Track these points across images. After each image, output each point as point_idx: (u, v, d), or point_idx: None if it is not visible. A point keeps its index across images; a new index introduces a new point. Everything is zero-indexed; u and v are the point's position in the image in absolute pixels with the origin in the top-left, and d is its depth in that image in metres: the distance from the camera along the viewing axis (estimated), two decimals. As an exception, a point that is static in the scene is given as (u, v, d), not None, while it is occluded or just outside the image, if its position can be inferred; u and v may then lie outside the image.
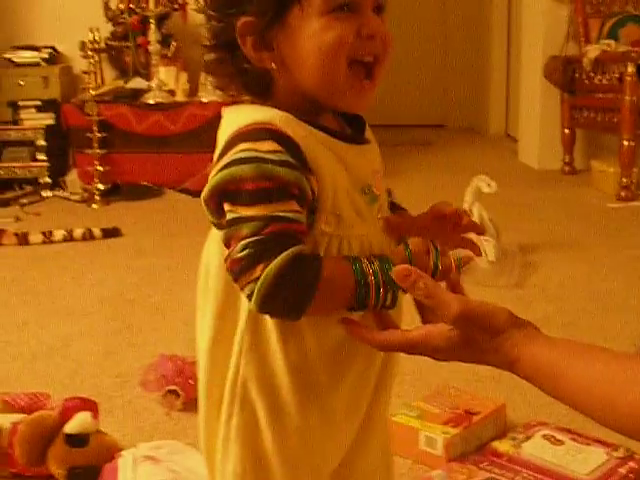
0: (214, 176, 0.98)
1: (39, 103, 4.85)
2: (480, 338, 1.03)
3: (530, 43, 5.31)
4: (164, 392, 2.09)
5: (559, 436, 1.85)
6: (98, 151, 4.50)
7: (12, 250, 3.65)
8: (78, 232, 3.75)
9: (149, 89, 4.71)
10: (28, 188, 4.76)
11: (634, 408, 1.03)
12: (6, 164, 4.77)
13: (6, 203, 4.53)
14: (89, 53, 4.72)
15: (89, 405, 1.83)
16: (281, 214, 0.95)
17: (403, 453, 1.82)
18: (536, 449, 1.81)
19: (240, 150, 0.97)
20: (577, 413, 1.03)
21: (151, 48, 4.77)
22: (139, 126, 4.59)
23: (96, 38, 4.72)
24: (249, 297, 0.96)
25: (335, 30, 0.98)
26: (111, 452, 1.76)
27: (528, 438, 1.85)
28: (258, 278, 0.94)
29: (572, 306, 2.81)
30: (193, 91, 4.76)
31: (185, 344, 2.35)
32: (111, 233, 3.81)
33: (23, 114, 4.85)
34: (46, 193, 4.72)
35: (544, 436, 1.85)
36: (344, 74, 1.00)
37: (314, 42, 0.99)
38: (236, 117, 1.02)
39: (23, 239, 3.71)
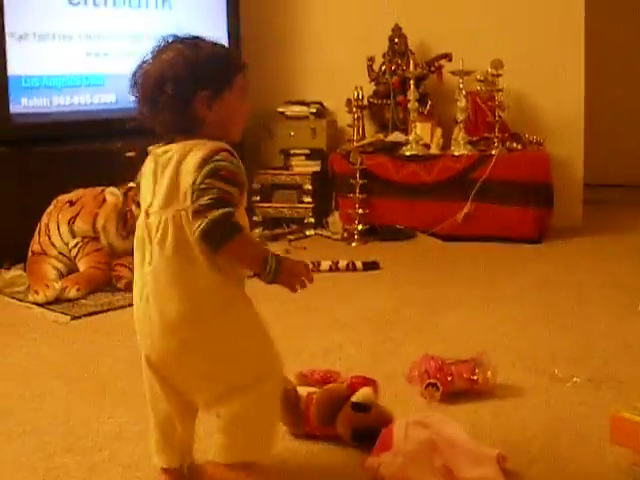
0: (206, 167, 1.76)
1: (307, 152, 5.46)
2: None
3: None
4: (425, 385, 2.49)
5: None
6: (359, 196, 5.05)
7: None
8: (342, 263, 4.25)
9: (406, 142, 5.21)
10: (294, 226, 5.36)
11: None
12: (276, 205, 5.41)
13: (275, 238, 5.13)
14: (353, 109, 5.31)
15: (371, 382, 2.27)
16: (230, 189, 1.75)
17: (627, 444, 2.15)
18: None
19: (220, 157, 1.77)
20: None
21: (409, 105, 5.27)
22: (397, 175, 5.10)
23: (360, 96, 5.30)
24: (197, 228, 1.72)
25: (244, 108, 1.91)
26: (388, 419, 2.18)
27: None
28: (206, 217, 1.71)
29: None
30: (446, 145, 5.21)
31: (441, 353, 2.69)
32: (371, 266, 4.29)
33: (293, 161, 5.49)
34: (310, 232, 5.30)
35: None
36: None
37: (235, 111, 1.89)
38: (203, 146, 1.80)
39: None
